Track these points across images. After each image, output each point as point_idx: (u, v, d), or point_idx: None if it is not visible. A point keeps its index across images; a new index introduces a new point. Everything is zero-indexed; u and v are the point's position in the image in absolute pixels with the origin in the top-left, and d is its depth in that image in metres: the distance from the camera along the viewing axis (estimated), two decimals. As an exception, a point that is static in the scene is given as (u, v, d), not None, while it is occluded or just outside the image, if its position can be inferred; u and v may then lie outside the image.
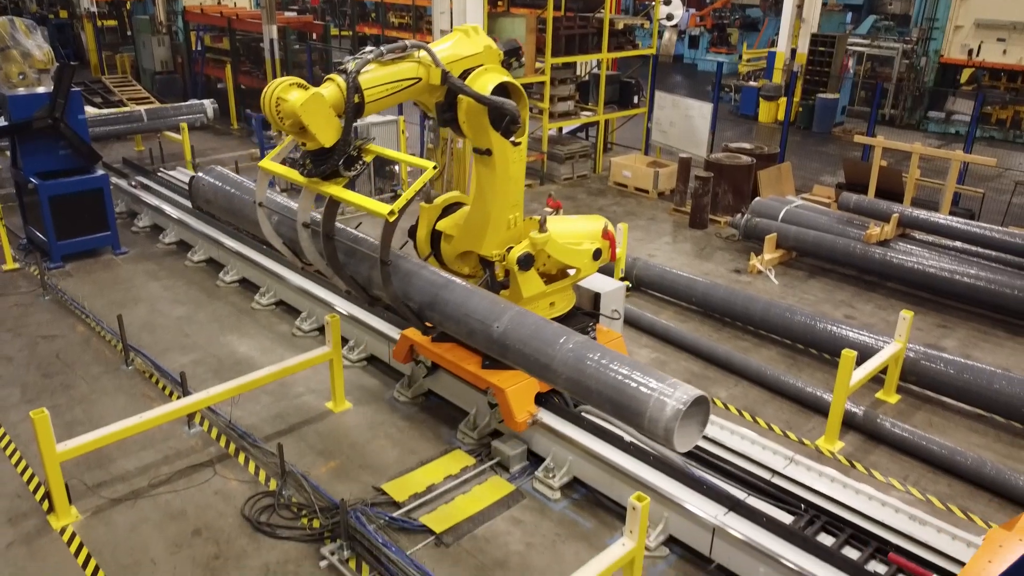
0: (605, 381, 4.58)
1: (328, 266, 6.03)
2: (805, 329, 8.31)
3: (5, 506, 5.91)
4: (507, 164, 6.08)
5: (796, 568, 4.89)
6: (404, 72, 5.53)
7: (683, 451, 4.51)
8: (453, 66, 5.74)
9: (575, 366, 4.73)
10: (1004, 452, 6.89)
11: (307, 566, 5.37)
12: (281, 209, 6.53)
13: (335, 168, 5.40)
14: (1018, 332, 9.07)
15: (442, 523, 5.76)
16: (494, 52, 6.00)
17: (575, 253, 6.48)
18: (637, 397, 4.42)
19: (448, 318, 5.63)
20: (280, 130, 5.42)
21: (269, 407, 7.22)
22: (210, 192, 7.04)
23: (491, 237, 6.28)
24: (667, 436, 4.27)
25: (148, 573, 5.31)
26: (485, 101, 5.70)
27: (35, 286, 9.61)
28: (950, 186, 11.38)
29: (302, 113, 5.02)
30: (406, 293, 5.87)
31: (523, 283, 6.29)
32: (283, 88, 5.19)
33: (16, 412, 7.08)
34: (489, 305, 5.42)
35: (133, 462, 6.42)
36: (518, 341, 5.08)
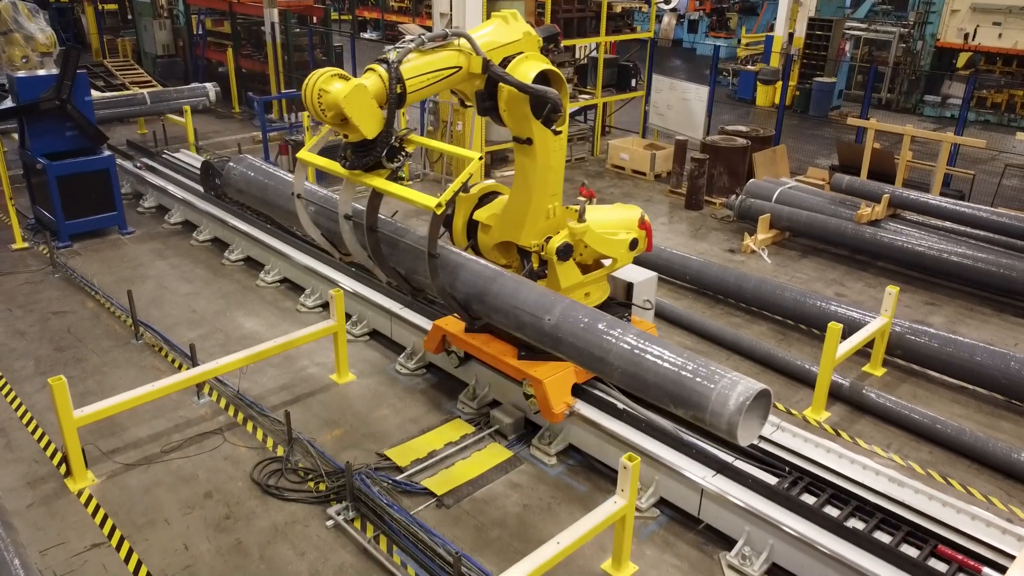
0: (665, 375, 4.51)
1: (370, 258, 6.00)
2: (795, 305, 8.54)
3: (24, 470, 6.17)
4: (548, 153, 6.03)
5: (779, 525, 5.15)
6: (445, 61, 5.46)
7: (745, 444, 4.42)
8: (493, 54, 5.65)
9: (632, 359, 4.66)
10: (984, 422, 7.15)
11: (314, 526, 5.63)
12: (319, 200, 6.49)
13: (378, 160, 5.33)
14: (1004, 309, 9.31)
15: (443, 486, 6.02)
16: (533, 39, 5.90)
17: (612, 243, 6.47)
18: (699, 391, 4.36)
19: (496, 310, 5.56)
20: (321, 121, 5.33)
21: (275, 379, 7.47)
22: (242, 182, 7.07)
23: (530, 227, 6.24)
24: (730, 430, 4.23)
25: (162, 532, 5.57)
26: (527, 90, 5.62)
27: (44, 264, 9.84)
28: (941, 167, 11.59)
29: (345, 105, 4.93)
30: (452, 285, 5.81)
31: (561, 273, 6.26)
32: (325, 79, 5.11)
33: (31, 384, 7.33)
34: (539, 297, 5.35)
35: (145, 430, 6.67)
36: (571, 334, 5.00)
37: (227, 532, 5.58)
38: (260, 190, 6.93)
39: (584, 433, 6.30)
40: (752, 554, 5.31)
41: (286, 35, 16.94)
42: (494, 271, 5.78)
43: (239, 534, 5.56)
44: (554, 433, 6.45)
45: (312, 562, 5.31)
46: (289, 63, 17.07)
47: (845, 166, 12.67)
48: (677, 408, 4.58)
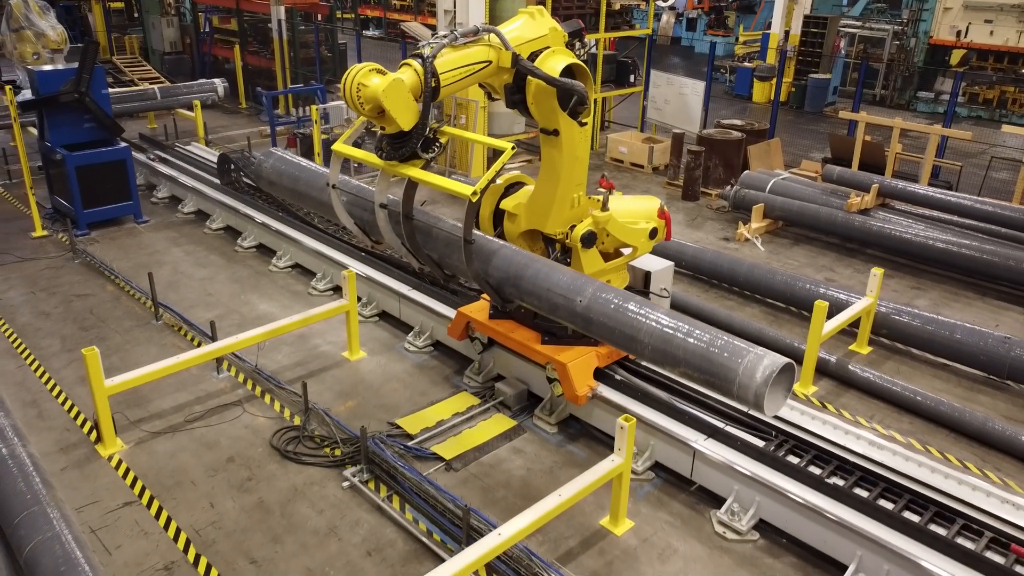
0: (693, 351, 4.74)
1: (404, 245, 6.26)
2: (785, 288, 8.92)
3: (56, 437, 6.56)
4: (574, 144, 6.22)
5: (766, 483, 5.54)
6: (476, 55, 5.65)
7: (771, 415, 4.71)
8: (520, 48, 5.85)
9: (662, 336, 4.90)
10: (963, 396, 7.53)
11: (331, 487, 6.02)
12: (352, 190, 6.78)
13: (413, 150, 5.57)
14: (986, 293, 9.70)
15: (451, 451, 6.41)
16: (559, 34, 6.11)
17: (633, 232, 6.73)
18: (727, 365, 4.59)
19: (529, 293, 5.82)
20: (359, 114, 5.56)
21: (290, 356, 7.85)
22: (274, 175, 7.37)
23: (556, 215, 6.50)
24: (757, 402, 4.47)
25: (189, 492, 5.96)
26: (555, 83, 5.81)
27: (64, 251, 10.22)
28: (929, 159, 11.98)
29: (384, 98, 5.14)
30: (486, 270, 6.08)
31: (585, 261, 6.54)
32: (363, 74, 5.30)
33: (58, 360, 7.71)
34: (571, 280, 5.62)
35: (169, 402, 7.06)
36: (602, 315, 5.26)
37: (249, 492, 5.97)
38: (292, 182, 7.21)
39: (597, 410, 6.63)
40: (740, 510, 5.70)
41: (292, 32, 17.32)
42: (528, 256, 6.03)
43: (261, 494, 5.95)
44: (555, 404, 6.83)
45: (330, 519, 5.70)
46: (295, 59, 17.45)
47: (837, 158, 13.06)
48: (705, 383, 4.81)
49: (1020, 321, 9.03)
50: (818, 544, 5.39)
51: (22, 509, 5.15)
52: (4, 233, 10.77)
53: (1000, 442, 6.66)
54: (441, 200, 12.47)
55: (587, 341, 6.61)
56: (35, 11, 17.60)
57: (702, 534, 5.68)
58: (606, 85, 16.29)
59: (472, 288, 7.91)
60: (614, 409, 6.29)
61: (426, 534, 5.51)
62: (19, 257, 10.01)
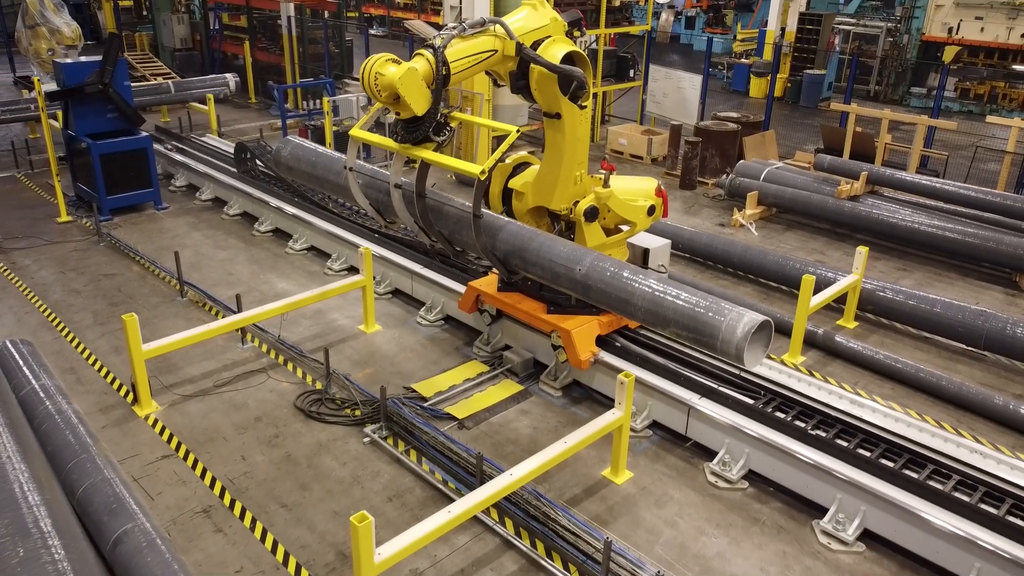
0: (682, 311, 5.22)
1: (417, 222, 6.71)
2: (777, 268, 9.41)
3: (95, 400, 7.05)
4: (575, 126, 6.61)
5: (754, 435, 6.03)
6: (483, 45, 6.09)
7: (752, 368, 5.09)
8: (524, 38, 6.25)
9: (653, 299, 5.38)
10: (943, 365, 8.01)
11: (352, 443, 6.50)
12: (367, 173, 7.27)
13: (426, 134, 6.04)
14: (968, 273, 10.20)
15: (464, 411, 6.90)
16: (559, 24, 6.52)
17: (632, 208, 7.21)
18: (711, 323, 5.06)
19: (533, 264, 6.30)
20: (376, 100, 5.97)
21: (309, 328, 8.34)
22: (292, 160, 7.92)
23: (560, 193, 6.93)
24: (738, 355, 4.93)
25: (222, 447, 6.45)
26: (556, 70, 6.18)
27: (89, 235, 10.71)
28: (916, 148, 12.47)
29: (399, 85, 5.58)
30: (493, 244, 6.55)
31: (588, 234, 7.00)
32: (380, 64, 5.74)
33: (91, 332, 8.20)
34: (571, 251, 6.10)
35: (198, 369, 7.55)
36: (599, 281, 5.75)
37: (277, 447, 6.46)
38: (310, 167, 7.76)
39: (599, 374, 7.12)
40: (731, 461, 6.19)
41: (301, 28, 17.81)
42: (531, 231, 6.50)
43: (288, 448, 6.43)
44: (559, 369, 7.31)
45: (353, 469, 6.18)
46: (304, 55, 17.94)
47: (829, 148, 13.56)
48: (692, 340, 5.26)
49: (999, 299, 9.53)
50: (801, 489, 5.88)
51: (72, 457, 5.63)
52: (31, 219, 11.26)
53: (974, 405, 7.14)
54: (449, 189, 12.97)
55: (589, 311, 7.10)
56: (50, 8, 18.07)
57: (696, 483, 6.17)
58: (606, 80, 16.78)
59: (481, 264, 8.40)
60: (615, 373, 6.69)
61: (442, 482, 6.00)
62: (47, 240, 10.50)
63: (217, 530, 5.56)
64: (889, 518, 5.43)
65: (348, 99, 14.09)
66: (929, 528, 5.24)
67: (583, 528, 5.34)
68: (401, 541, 4.59)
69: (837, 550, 5.52)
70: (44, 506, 4.75)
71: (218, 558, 5.32)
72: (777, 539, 5.63)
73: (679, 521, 5.76)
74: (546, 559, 5.27)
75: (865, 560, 5.45)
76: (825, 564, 5.41)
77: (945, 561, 5.23)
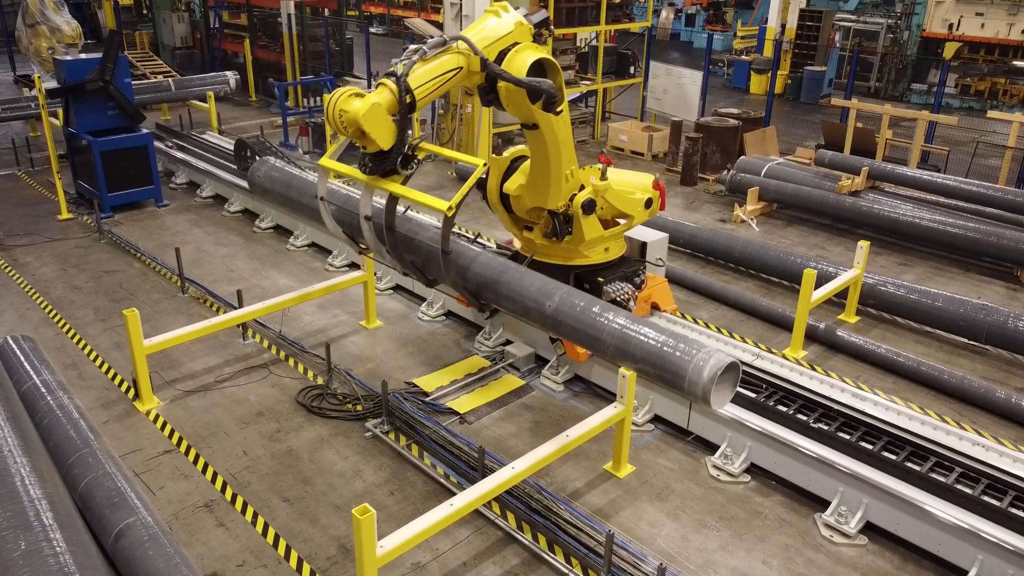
0: (649, 350, 5.13)
1: (388, 253, 6.58)
2: (778, 263, 9.40)
3: (97, 395, 7.05)
4: (554, 132, 6.35)
5: (756, 428, 6.02)
6: (447, 65, 5.85)
7: (718, 409, 5.00)
8: (489, 49, 5.97)
9: (622, 337, 5.29)
10: (944, 359, 8.01)
11: (354, 437, 6.50)
12: (341, 199, 7.13)
13: (393, 166, 5.89)
14: (970, 268, 10.19)
15: (465, 406, 6.90)
16: (525, 28, 6.22)
17: (630, 201, 7.14)
18: (679, 364, 4.97)
19: (504, 297, 6.18)
20: (342, 135, 5.80)
21: (311, 324, 8.34)
22: (267, 182, 7.79)
23: (554, 194, 6.79)
24: (704, 396, 4.86)
25: (223, 441, 6.45)
26: (522, 85, 5.91)
27: (90, 232, 10.71)
28: (917, 143, 12.46)
29: (363, 122, 5.43)
30: (465, 275, 6.42)
31: (586, 227, 6.89)
32: (344, 100, 5.56)
33: (93, 328, 8.20)
34: (541, 285, 5.97)
35: (199, 364, 7.55)
36: (569, 317, 5.65)
37: (279, 441, 6.46)
38: (284, 188, 7.61)
39: (596, 367, 7.12)
40: (733, 455, 6.19)
41: (302, 26, 17.80)
42: (503, 264, 6.34)
43: (289, 443, 6.43)
44: (561, 363, 7.31)
45: (355, 463, 6.18)
46: (304, 53, 17.94)
47: (830, 144, 13.54)
48: (659, 380, 5.16)
49: (1000, 293, 9.52)
50: (804, 483, 5.88)
51: (74, 452, 5.63)
52: (32, 216, 11.27)
53: (976, 398, 7.14)
54: (450, 185, 12.97)
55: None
56: (50, 7, 18.06)
57: (698, 477, 6.17)
58: (607, 76, 16.77)
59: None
60: (615, 367, 6.74)
61: (444, 476, 6.00)
62: (48, 237, 10.50)
63: (219, 524, 5.56)
64: (891, 511, 5.42)
65: (348, 96, 14.05)
66: (932, 520, 5.23)
67: (585, 521, 5.34)
68: (403, 534, 4.59)
69: (840, 543, 5.51)
70: (46, 500, 4.75)
71: (220, 552, 5.32)
72: (779, 532, 5.62)
73: (681, 514, 5.76)
74: (548, 552, 5.27)
75: (868, 553, 5.45)
76: (828, 557, 5.41)
77: (948, 553, 5.22)
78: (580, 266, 7.12)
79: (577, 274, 7.12)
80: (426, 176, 13.62)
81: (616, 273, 7.18)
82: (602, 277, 7.04)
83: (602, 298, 7.03)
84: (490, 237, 10.17)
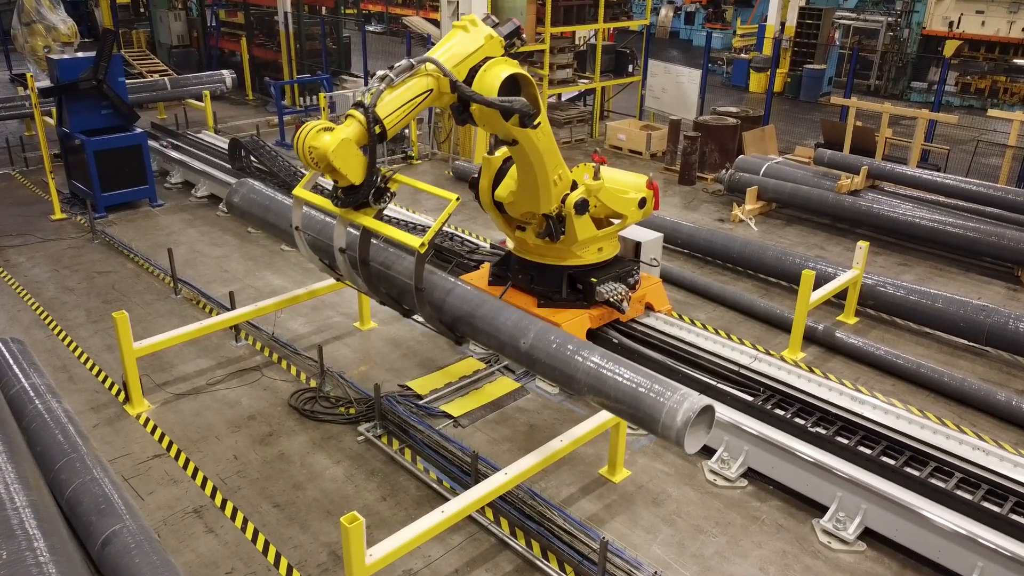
0: (624, 391, 5.06)
1: (364, 284, 6.40)
2: (776, 263, 9.32)
3: (87, 398, 6.97)
4: (534, 144, 6.21)
5: (753, 432, 5.95)
6: (416, 89, 5.62)
7: (691, 452, 5.01)
8: (460, 67, 5.76)
9: (597, 376, 5.20)
10: (944, 361, 7.93)
11: (347, 441, 6.43)
12: (318, 226, 6.93)
13: (365, 200, 5.71)
14: (970, 268, 10.11)
15: (459, 409, 6.82)
16: (496, 41, 5.97)
17: (623, 201, 7.08)
18: (653, 406, 4.89)
19: (480, 332, 6.04)
20: (313, 169, 5.72)
21: (305, 326, 8.26)
22: (245, 204, 7.59)
23: (544, 199, 6.68)
24: (678, 440, 4.79)
25: (214, 445, 6.37)
26: (493, 106, 5.73)
27: (83, 232, 10.63)
28: (917, 142, 12.37)
29: (333, 159, 5.27)
30: (441, 307, 6.24)
31: (579, 227, 6.81)
32: (312, 136, 5.37)
33: (84, 330, 8.12)
34: (517, 321, 5.80)
35: (191, 367, 7.47)
36: (545, 355, 5.53)
37: (270, 445, 6.38)
38: (262, 211, 7.42)
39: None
40: (730, 459, 6.11)
41: (299, 24, 17.71)
42: (479, 297, 6.17)
43: (281, 447, 6.36)
44: (557, 366, 7.22)
45: (347, 468, 6.11)
46: (301, 51, 17.85)
47: (830, 143, 13.44)
48: (633, 420, 5.10)
49: (1001, 294, 9.44)
50: (801, 488, 5.80)
51: (61, 457, 5.55)
52: (25, 216, 11.19)
53: (976, 401, 7.06)
54: (446, 185, 12.87)
55: (579, 304, 7.02)
56: (46, 5, 17.97)
57: (694, 481, 6.09)
58: (605, 75, 16.68)
59: (472, 259, 8.30)
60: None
61: (436, 482, 5.92)
62: (41, 238, 10.42)
63: (208, 530, 5.49)
64: (890, 516, 5.35)
65: (345, 95, 14.01)
66: (931, 527, 5.15)
67: (579, 528, 5.27)
68: (393, 542, 4.52)
69: (838, 549, 5.43)
70: (30, 507, 4.67)
71: (209, 558, 5.24)
72: (777, 538, 5.55)
73: (677, 520, 5.68)
74: (542, 559, 5.19)
75: (866, 559, 5.37)
76: (825, 563, 5.33)
77: (947, 560, 5.15)
78: (573, 266, 7.04)
79: (570, 274, 7.05)
80: (422, 175, 13.54)
81: (609, 273, 7.11)
82: (595, 277, 6.97)
83: (595, 298, 6.97)
84: (486, 237, 10.10)
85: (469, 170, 12.31)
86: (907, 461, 5.66)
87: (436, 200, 12.15)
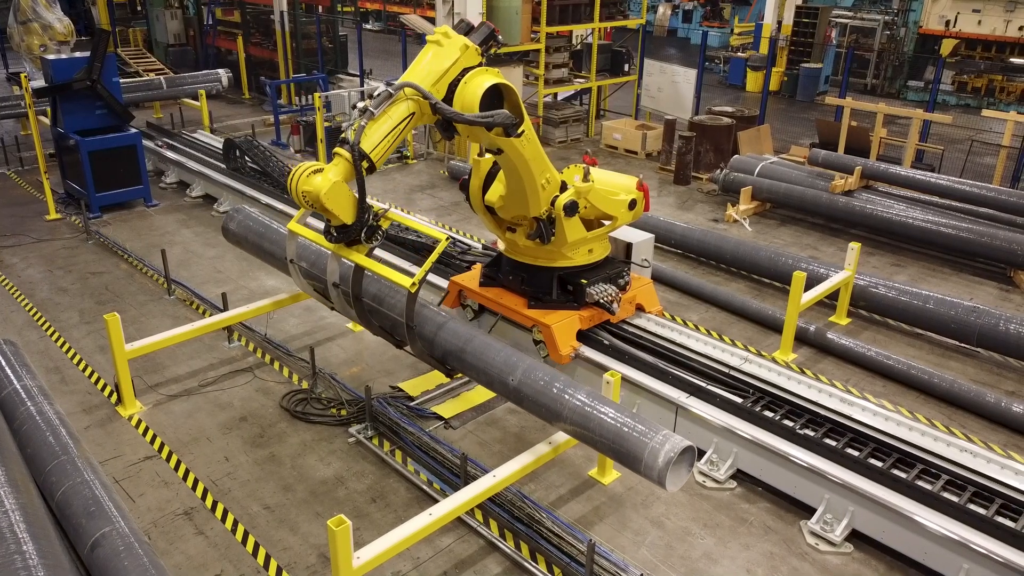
0: (609, 430, 5.18)
1: (357, 317, 6.48)
2: (769, 264, 9.33)
3: (79, 400, 6.99)
4: (520, 154, 6.18)
5: (743, 434, 5.97)
6: (398, 116, 5.60)
7: (673, 490, 5.08)
8: (439, 85, 5.70)
9: (583, 413, 5.31)
10: (935, 362, 7.95)
11: (338, 443, 6.45)
12: (312, 255, 7.01)
13: (357, 237, 5.71)
14: (962, 268, 10.13)
15: (450, 411, 6.84)
16: (472, 50, 5.88)
17: (613, 202, 7.06)
18: (636, 446, 5.02)
19: (469, 367, 6.16)
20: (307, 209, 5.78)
21: (297, 327, 8.28)
22: (240, 230, 7.70)
23: (533, 203, 6.66)
24: (660, 479, 4.93)
25: (205, 447, 6.39)
26: (475, 124, 5.70)
27: (77, 232, 10.64)
28: (911, 142, 12.39)
29: (325, 201, 5.36)
30: (432, 342, 6.34)
31: (568, 229, 6.78)
32: (304, 181, 5.43)
33: (77, 331, 8.14)
34: (505, 358, 5.91)
35: (184, 368, 7.49)
36: (533, 392, 5.63)
37: (261, 447, 6.40)
38: (257, 237, 7.52)
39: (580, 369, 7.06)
40: (719, 460, 6.14)
41: (295, 23, 17.70)
42: (469, 333, 6.27)
43: (272, 448, 6.38)
44: (548, 368, 7.23)
45: (337, 469, 6.13)
46: (298, 50, 17.84)
47: (825, 143, 13.47)
48: (616, 459, 5.22)
49: (993, 294, 9.46)
50: (789, 490, 5.83)
51: (52, 459, 5.56)
52: (20, 216, 11.20)
53: (966, 402, 7.08)
54: (442, 185, 12.91)
55: (570, 305, 7.04)
56: (42, 4, 17.95)
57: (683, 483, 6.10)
58: (601, 74, 16.68)
59: (464, 260, 8.30)
60: (598, 369, 6.70)
61: (427, 483, 5.94)
62: (35, 238, 10.44)
63: (198, 532, 5.51)
64: (877, 519, 5.37)
65: (341, 94, 14.00)
66: (917, 529, 5.18)
67: (567, 530, 5.29)
68: (381, 544, 4.54)
69: (825, 551, 5.46)
70: (19, 510, 4.70)
71: (198, 561, 5.26)
72: (764, 540, 5.57)
73: (666, 522, 5.71)
74: (530, 561, 5.22)
75: (853, 561, 5.40)
76: (812, 565, 5.36)
77: (934, 563, 5.18)
78: (564, 267, 7.05)
79: (561, 275, 7.05)
80: (417, 175, 13.56)
81: (600, 275, 7.11)
82: (585, 279, 6.98)
83: (585, 300, 6.97)
84: (479, 238, 10.11)
85: (464, 170, 12.29)
86: (895, 463, 5.67)
87: (431, 200, 12.17)
